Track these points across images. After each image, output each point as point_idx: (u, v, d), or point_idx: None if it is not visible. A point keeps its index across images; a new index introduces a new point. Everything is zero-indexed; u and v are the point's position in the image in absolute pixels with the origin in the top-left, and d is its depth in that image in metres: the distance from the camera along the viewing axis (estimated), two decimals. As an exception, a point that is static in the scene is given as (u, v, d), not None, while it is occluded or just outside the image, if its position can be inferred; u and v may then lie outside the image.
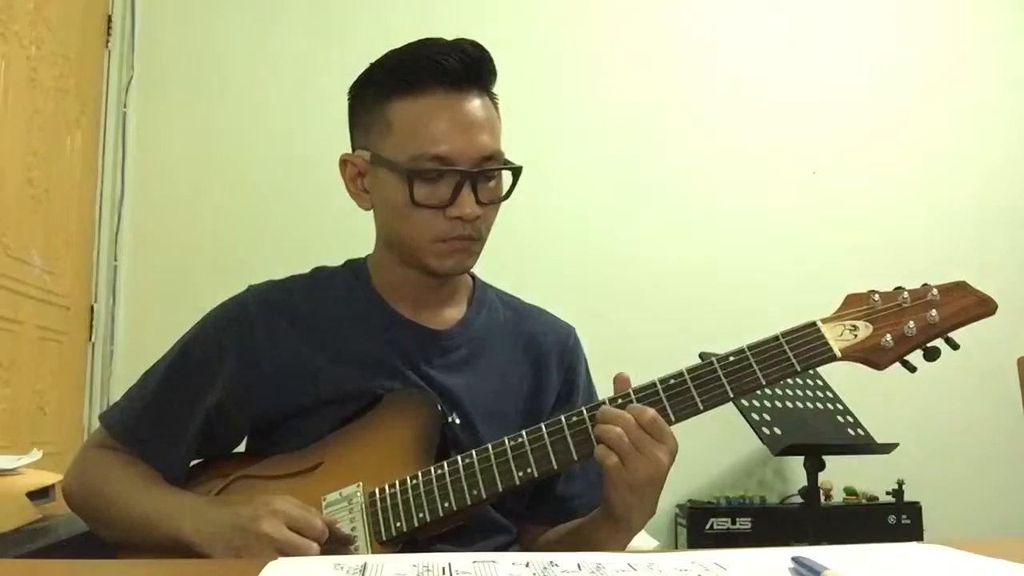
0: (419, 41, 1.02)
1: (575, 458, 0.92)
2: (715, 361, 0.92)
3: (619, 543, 0.98)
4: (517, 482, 0.92)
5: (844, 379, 2.48)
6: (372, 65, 1.04)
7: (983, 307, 0.91)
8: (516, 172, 1.03)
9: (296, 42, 2.97)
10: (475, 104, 0.99)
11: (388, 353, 1.05)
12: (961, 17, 3.27)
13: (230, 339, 1.05)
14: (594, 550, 0.71)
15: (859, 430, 2.43)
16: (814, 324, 0.93)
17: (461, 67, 0.98)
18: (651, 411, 0.89)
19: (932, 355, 0.92)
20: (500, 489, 0.92)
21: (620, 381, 0.94)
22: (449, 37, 1.03)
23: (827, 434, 2.36)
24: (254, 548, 0.86)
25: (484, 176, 0.99)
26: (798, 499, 2.61)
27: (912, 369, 0.93)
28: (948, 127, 3.20)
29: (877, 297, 0.93)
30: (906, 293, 0.93)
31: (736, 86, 3.13)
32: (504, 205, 1.05)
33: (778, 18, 3.20)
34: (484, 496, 0.92)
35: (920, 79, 3.22)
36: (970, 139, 3.20)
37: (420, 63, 0.99)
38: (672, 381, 0.92)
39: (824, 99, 3.16)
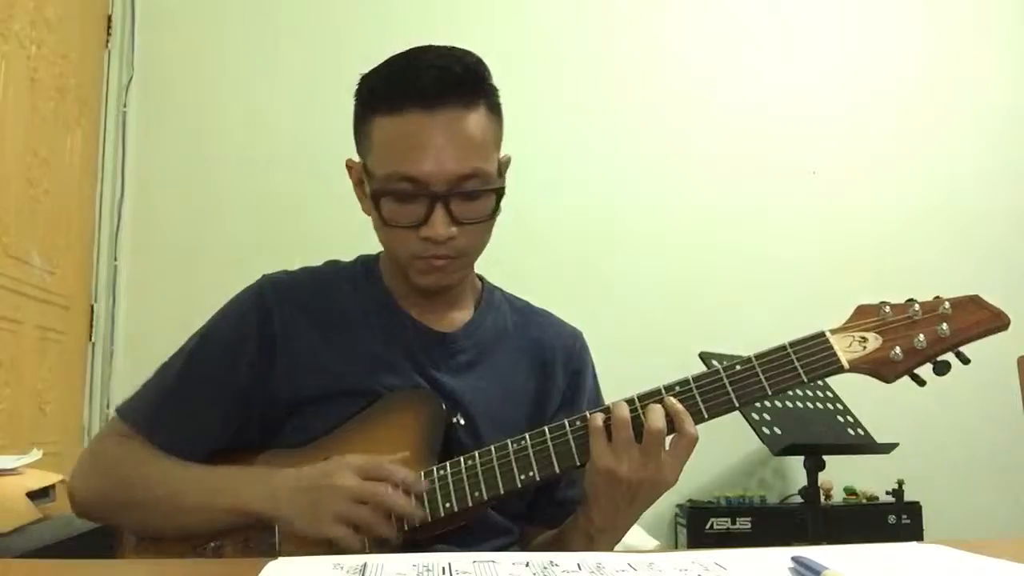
0: (405, 54, 1.00)
1: (577, 462, 0.92)
2: (721, 370, 0.92)
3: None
4: (519, 484, 0.92)
5: (844, 379, 2.47)
6: (362, 77, 1.03)
7: (996, 322, 0.90)
8: (498, 193, 1.00)
9: (296, 42, 2.97)
10: (453, 122, 0.96)
11: (394, 353, 1.05)
12: (962, 16, 3.27)
13: (251, 327, 1.04)
14: None
15: (859, 430, 2.42)
16: (822, 334, 0.92)
17: (437, 86, 0.95)
18: (662, 423, 0.90)
19: (942, 369, 0.91)
20: (502, 491, 0.92)
21: None
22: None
23: (827, 434, 2.36)
24: (328, 502, 0.87)
25: (461, 196, 0.97)
26: (798, 499, 2.61)
27: (921, 383, 0.92)
28: (949, 127, 3.20)
29: (888, 309, 0.92)
30: (917, 306, 0.92)
31: (736, 86, 3.13)
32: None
33: (778, 18, 3.20)
34: (486, 497, 0.92)
35: (921, 78, 3.22)
36: (971, 139, 3.20)
37: (398, 81, 0.97)
38: (677, 388, 0.92)
39: (824, 99, 3.16)
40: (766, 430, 2.20)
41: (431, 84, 0.96)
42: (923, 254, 3.05)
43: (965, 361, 0.91)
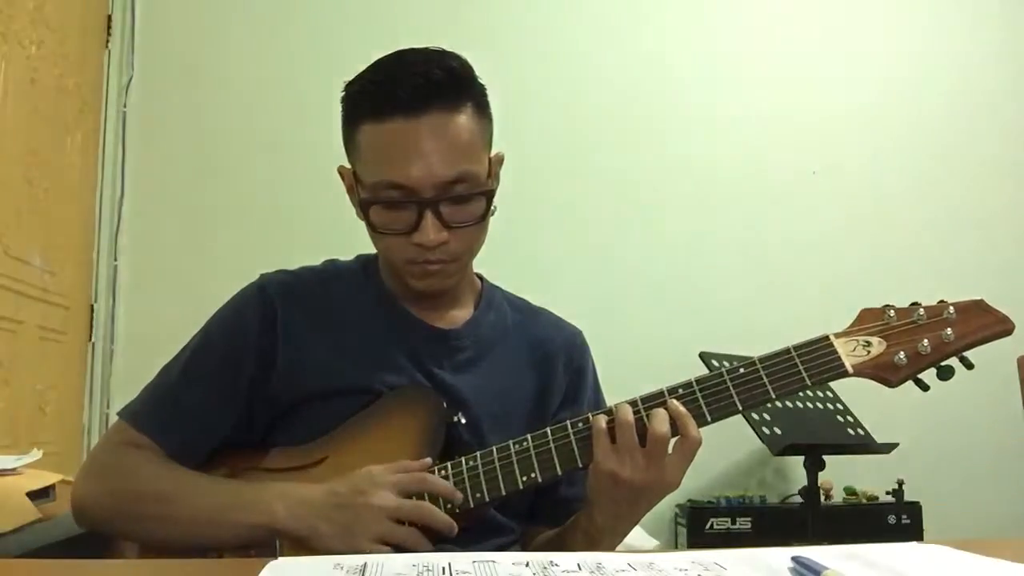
0: (388, 58, 1.00)
1: (579, 464, 0.92)
2: (724, 372, 0.92)
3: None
4: (520, 485, 0.92)
5: (845, 380, 2.48)
6: (347, 84, 1.02)
7: (1000, 326, 0.90)
8: (488, 195, 1.00)
9: (295, 41, 2.97)
10: (439, 127, 0.95)
11: (396, 351, 1.05)
12: (962, 16, 3.27)
13: (251, 325, 1.04)
14: None
15: (859, 430, 2.43)
16: (827, 338, 0.92)
17: (420, 92, 0.95)
18: (667, 429, 0.90)
19: (945, 374, 0.91)
20: (503, 492, 0.92)
21: None
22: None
23: (827, 434, 2.36)
24: (366, 521, 0.87)
25: (451, 200, 0.97)
26: (798, 499, 2.61)
27: (925, 388, 0.92)
28: (948, 127, 3.20)
29: (892, 313, 0.92)
30: (922, 310, 0.92)
31: (735, 85, 3.13)
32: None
33: (778, 17, 3.19)
34: (487, 499, 0.92)
35: (921, 78, 3.22)
36: (970, 139, 3.19)
37: (381, 88, 0.96)
38: (680, 391, 0.92)
39: (824, 99, 3.16)
40: (766, 430, 2.21)
41: (414, 90, 0.95)
42: (923, 253, 3.05)
43: (969, 366, 0.91)
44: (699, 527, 2.68)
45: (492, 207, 1.01)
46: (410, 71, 0.96)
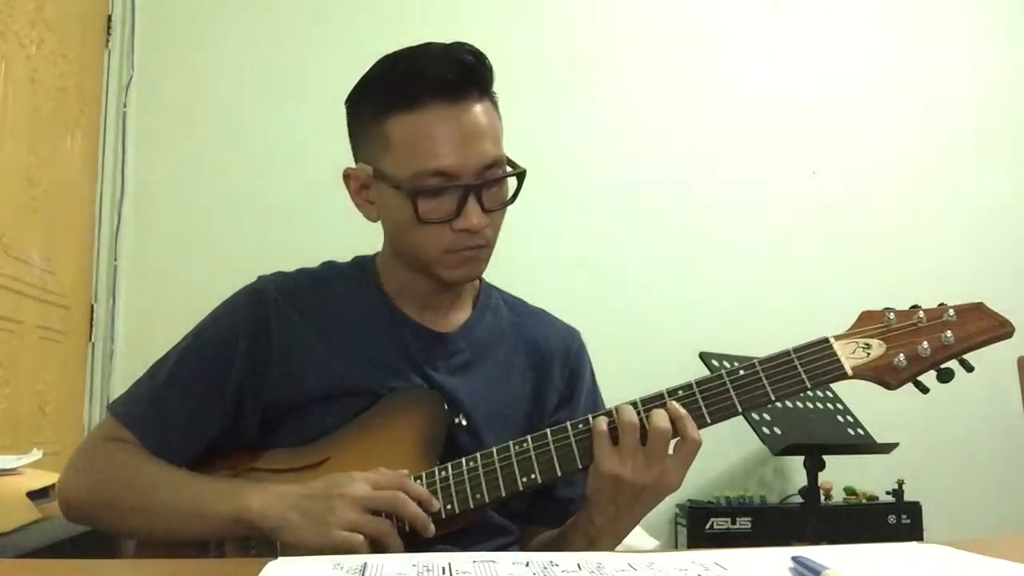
0: (411, 50, 1.00)
1: (579, 465, 0.92)
2: (725, 374, 0.92)
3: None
4: (520, 487, 0.92)
5: (845, 381, 2.48)
6: (365, 77, 1.02)
7: (1000, 329, 0.90)
8: (520, 176, 1.01)
9: (296, 42, 2.97)
10: (473, 112, 0.97)
11: (393, 354, 1.05)
12: (962, 16, 3.27)
13: (244, 326, 1.04)
14: None
15: (859, 430, 2.43)
16: (826, 340, 0.92)
17: (455, 77, 0.96)
18: (668, 426, 0.90)
19: (945, 376, 0.91)
20: (503, 494, 0.92)
21: None
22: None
23: (827, 434, 2.36)
24: (339, 510, 0.86)
25: (490, 184, 0.98)
26: (798, 499, 2.61)
27: (925, 390, 0.92)
28: (951, 127, 3.20)
29: (892, 315, 0.92)
30: (922, 312, 0.92)
31: (736, 86, 3.13)
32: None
33: (778, 18, 3.20)
34: (487, 500, 0.92)
35: (920, 79, 3.22)
36: (970, 140, 3.20)
37: (413, 78, 0.97)
38: (680, 392, 0.92)
39: (824, 99, 3.16)
40: (766, 430, 2.20)
41: (450, 76, 0.96)
42: (922, 253, 3.05)
43: (969, 369, 0.91)
44: (699, 527, 2.68)
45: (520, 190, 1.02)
46: (441, 59, 0.97)
